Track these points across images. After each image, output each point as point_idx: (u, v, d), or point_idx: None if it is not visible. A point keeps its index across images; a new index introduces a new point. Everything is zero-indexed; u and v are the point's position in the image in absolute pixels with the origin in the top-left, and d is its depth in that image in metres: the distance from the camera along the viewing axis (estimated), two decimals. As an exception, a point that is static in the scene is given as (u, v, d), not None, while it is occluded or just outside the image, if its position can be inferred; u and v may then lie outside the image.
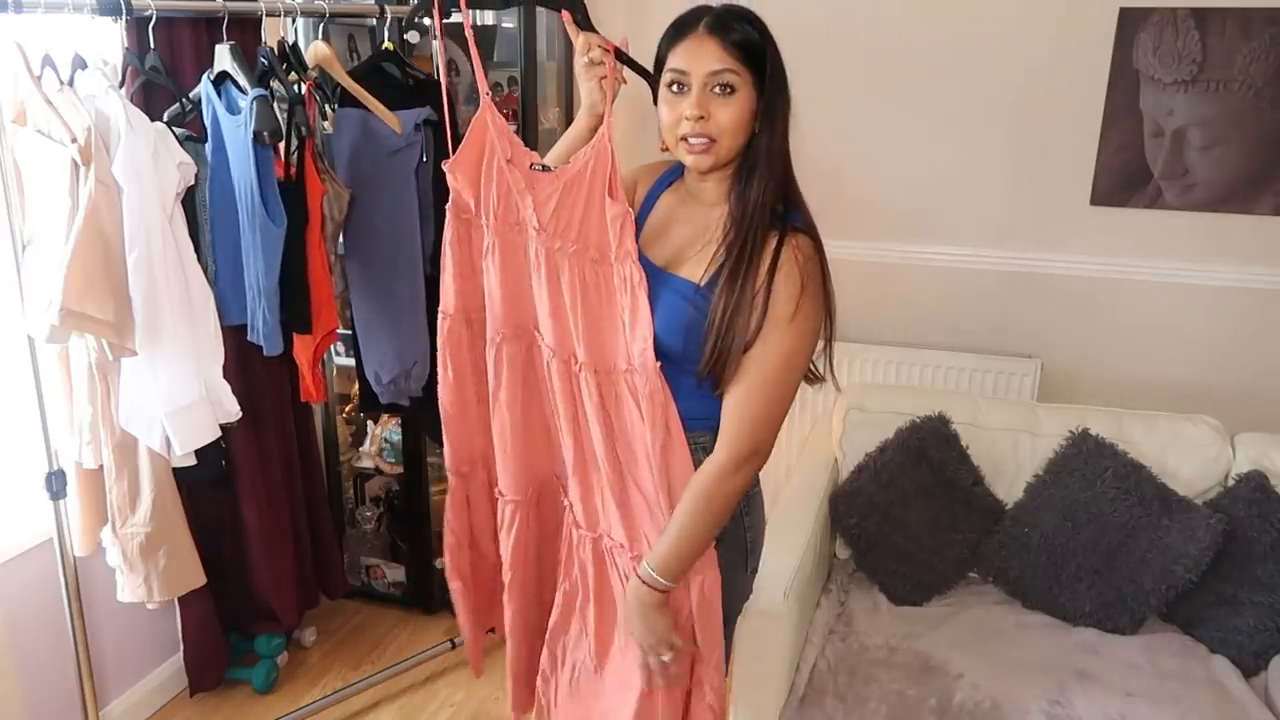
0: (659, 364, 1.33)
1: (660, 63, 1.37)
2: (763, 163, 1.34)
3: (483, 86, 1.41)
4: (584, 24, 1.44)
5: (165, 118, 1.98)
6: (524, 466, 1.60)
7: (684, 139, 1.33)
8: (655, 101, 1.40)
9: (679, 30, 1.34)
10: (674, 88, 1.33)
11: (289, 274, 2.02)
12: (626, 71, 1.43)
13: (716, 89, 1.31)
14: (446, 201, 1.53)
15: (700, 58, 1.30)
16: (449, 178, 1.47)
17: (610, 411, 1.41)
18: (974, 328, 2.99)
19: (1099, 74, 2.72)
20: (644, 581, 1.38)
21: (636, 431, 1.39)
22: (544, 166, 1.40)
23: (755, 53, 1.31)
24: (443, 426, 1.66)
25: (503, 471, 1.61)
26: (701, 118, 1.30)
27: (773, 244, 1.31)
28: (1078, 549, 2.28)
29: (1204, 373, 2.82)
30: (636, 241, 1.36)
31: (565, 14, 1.44)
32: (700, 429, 1.40)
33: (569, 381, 1.43)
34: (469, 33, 1.41)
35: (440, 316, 1.59)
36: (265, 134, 1.82)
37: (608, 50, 1.38)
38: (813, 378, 1.43)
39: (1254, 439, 2.34)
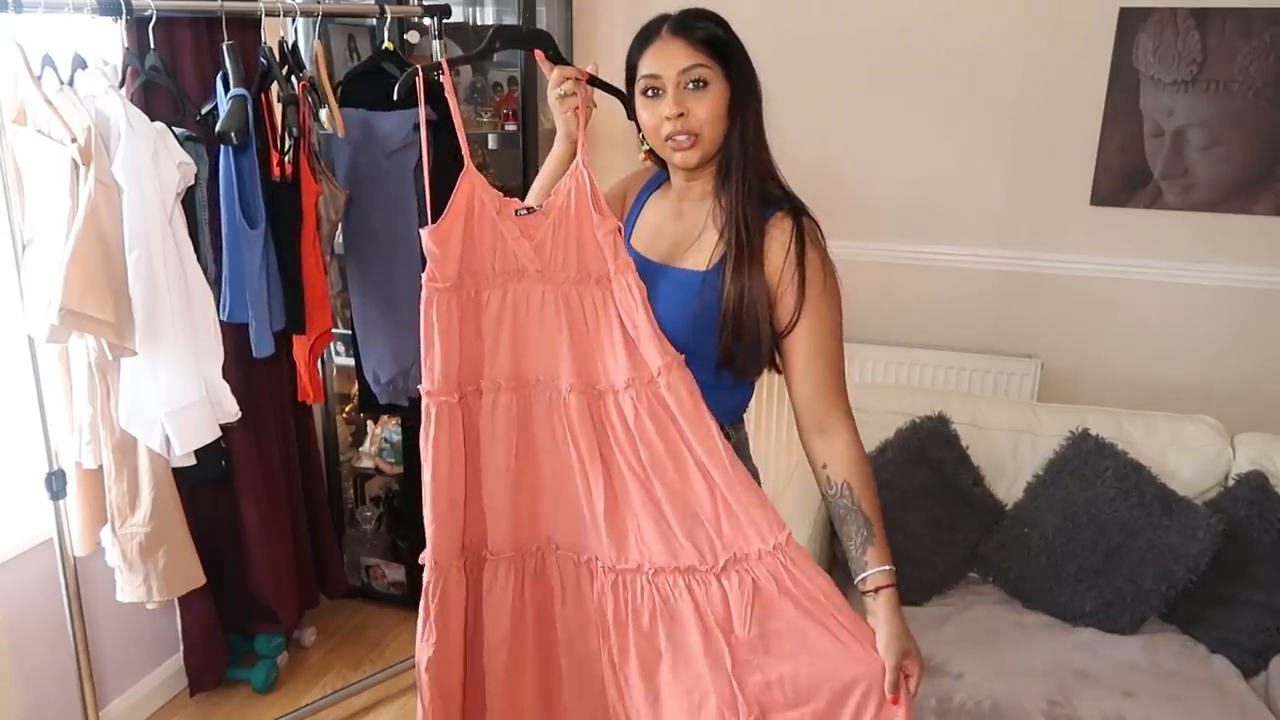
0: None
1: (631, 72, 1.40)
2: (738, 152, 1.37)
3: (465, 149, 1.42)
4: (556, 58, 1.48)
5: (196, 118, 2.00)
6: (516, 525, 1.55)
7: (668, 139, 1.36)
8: (630, 115, 1.44)
9: (644, 39, 1.38)
10: (649, 93, 1.37)
11: (283, 275, 2.02)
12: (597, 93, 1.47)
13: (689, 85, 1.34)
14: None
15: (669, 59, 1.34)
16: (426, 243, 1.40)
17: (648, 420, 1.38)
18: (974, 328, 2.99)
19: (1099, 74, 2.72)
20: (891, 584, 1.33)
21: (674, 435, 1.38)
22: (528, 209, 1.42)
23: (720, 46, 1.35)
24: (433, 521, 1.56)
25: (493, 532, 1.56)
26: (681, 115, 1.34)
27: (788, 225, 1.36)
28: (1078, 549, 2.28)
29: (1204, 373, 2.82)
30: (629, 246, 1.41)
31: (538, 52, 1.48)
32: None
33: (589, 416, 1.42)
34: (450, 96, 1.44)
35: (429, 401, 1.50)
36: (231, 133, 1.83)
37: (580, 80, 1.42)
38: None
39: (1254, 439, 2.34)
